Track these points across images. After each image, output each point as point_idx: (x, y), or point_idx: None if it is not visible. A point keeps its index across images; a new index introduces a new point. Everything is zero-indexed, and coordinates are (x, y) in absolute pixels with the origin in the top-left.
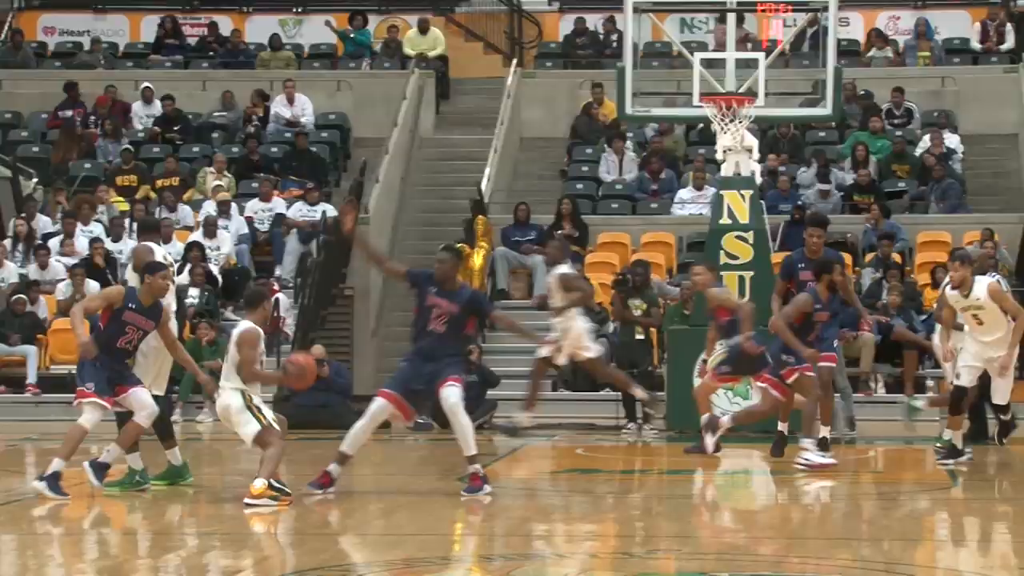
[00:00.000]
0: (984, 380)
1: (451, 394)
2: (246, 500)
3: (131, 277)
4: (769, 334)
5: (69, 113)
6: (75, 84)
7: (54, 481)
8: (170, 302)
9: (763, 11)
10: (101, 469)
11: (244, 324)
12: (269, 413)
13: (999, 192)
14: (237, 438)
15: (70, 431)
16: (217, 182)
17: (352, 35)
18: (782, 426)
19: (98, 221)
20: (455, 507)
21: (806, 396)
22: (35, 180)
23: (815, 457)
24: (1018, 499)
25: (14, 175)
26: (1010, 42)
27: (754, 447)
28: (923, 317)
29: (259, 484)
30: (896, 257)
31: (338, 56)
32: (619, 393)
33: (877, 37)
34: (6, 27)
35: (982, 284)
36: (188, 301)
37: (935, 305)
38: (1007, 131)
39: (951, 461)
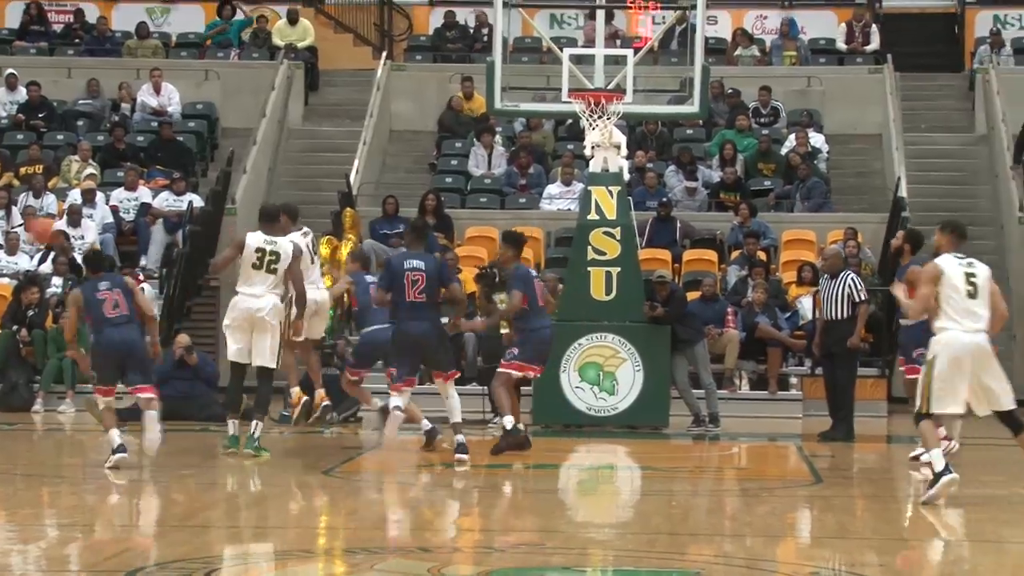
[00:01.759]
0: None
1: None
2: None
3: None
4: None
5: None
6: None
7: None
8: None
9: (632, 8)
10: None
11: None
12: None
13: (863, 192)
14: (98, 429)
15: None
16: (91, 170)
17: (228, 23)
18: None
19: None
20: (319, 500)
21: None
22: None
23: None
24: (879, 496)
25: None
26: (875, 43)
27: (617, 442)
28: (787, 315)
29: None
30: (761, 255)
31: (206, 46)
32: (485, 387)
33: (743, 36)
34: None
35: None
36: (51, 291)
37: None
38: (871, 131)
39: None
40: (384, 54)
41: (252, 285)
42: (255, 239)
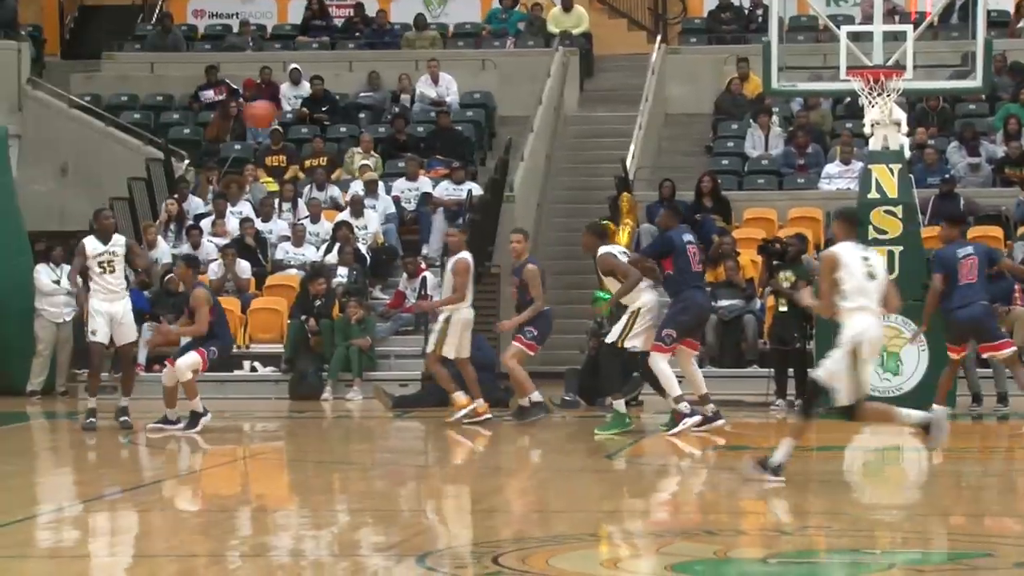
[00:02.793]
0: None
1: None
2: None
3: None
4: None
5: (209, 93)
6: (214, 66)
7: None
8: None
9: None
10: None
11: None
12: None
13: None
14: (386, 416)
15: None
16: (364, 161)
17: (504, 16)
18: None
19: (248, 201)
20: (603, 484)
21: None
22: (186, 161)
23: None
24: None
25: (166, 156)
26: None
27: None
28: None
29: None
30: None
31: (483, 35)
32: (770, 369)
33: None
34: (156, 10)
35: None
36: (336, 280)
37: None
38: None
39: None
40: (659, 38)
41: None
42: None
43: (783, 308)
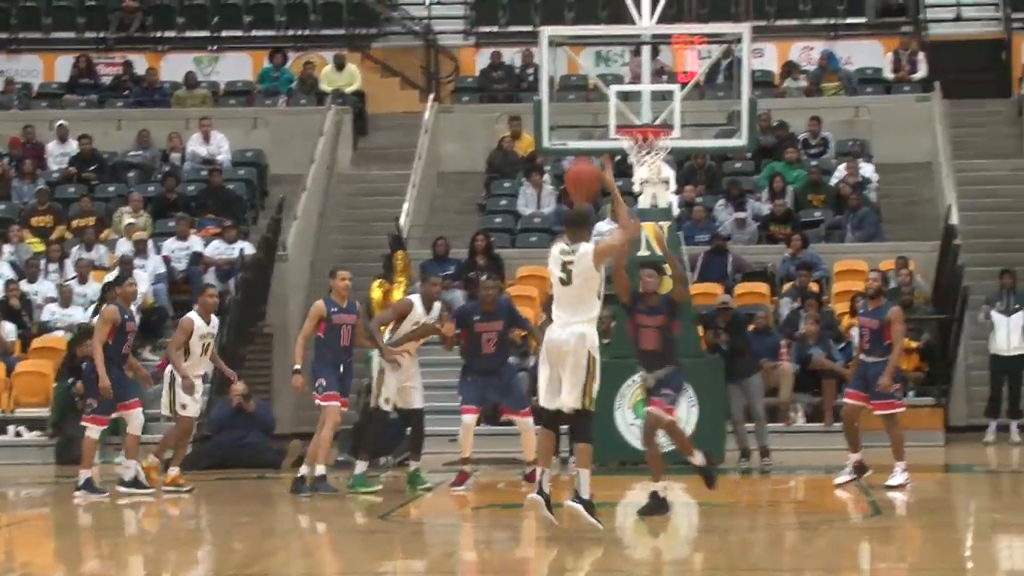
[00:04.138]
0: None
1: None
2: None
3: None
4: None
5: None
6: None
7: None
8: None
9: (678, 44)
10: None
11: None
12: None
13: (914, 220)
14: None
15: None
16: (131, 220)
17: (276, 74)
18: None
19: (12, 263)
20: (376, 545)
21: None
22: None
23: None
24: (939, 526)
25: None
26: (922, 71)
27: (673, 478)
28: (841, 346)
29: None
30: (813, 286)
31: (255, 93)
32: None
33: (790, 69)
34: None
35: None
36: None
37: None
38: (920, 159)
39: None
40: (431, 96)
41: None
42: None
43: None
